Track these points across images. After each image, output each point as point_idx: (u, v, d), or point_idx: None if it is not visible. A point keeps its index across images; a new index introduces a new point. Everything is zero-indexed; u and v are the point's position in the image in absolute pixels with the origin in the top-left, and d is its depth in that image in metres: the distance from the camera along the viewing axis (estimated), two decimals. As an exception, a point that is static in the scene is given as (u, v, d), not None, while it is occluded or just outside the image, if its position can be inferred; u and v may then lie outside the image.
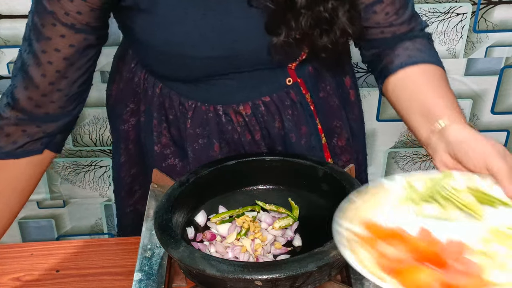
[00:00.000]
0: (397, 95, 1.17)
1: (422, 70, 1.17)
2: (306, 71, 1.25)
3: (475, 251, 0.87)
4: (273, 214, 1.15)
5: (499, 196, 0.93)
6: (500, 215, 0.92)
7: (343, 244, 0.85)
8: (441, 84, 1.15)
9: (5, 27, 1.90)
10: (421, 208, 0.94)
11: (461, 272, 0.83)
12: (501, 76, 2.11)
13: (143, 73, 1.26)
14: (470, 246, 0.87)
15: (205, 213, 1.14)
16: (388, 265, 0.83)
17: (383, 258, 0.84)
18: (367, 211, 0.93)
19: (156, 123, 1.28)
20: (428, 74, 1.16)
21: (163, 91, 1.24)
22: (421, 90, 1.14)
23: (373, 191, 0.96)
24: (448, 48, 2.03)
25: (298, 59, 1.21)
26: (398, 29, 1.20)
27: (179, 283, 1.06)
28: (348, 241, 0.86)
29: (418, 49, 1.19)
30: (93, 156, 2.16)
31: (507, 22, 2.02)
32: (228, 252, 1.07)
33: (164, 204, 1.07)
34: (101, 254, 1.31)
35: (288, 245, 1.10)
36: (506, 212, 0.92)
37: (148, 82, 1.26)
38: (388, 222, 0.91)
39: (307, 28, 1.11)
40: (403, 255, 0.85)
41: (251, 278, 0.90)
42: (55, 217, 2.28)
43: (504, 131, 2.23)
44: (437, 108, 1.08)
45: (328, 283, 1.00)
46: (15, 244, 1.38)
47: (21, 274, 1.26)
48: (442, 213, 0.93)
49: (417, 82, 1.16)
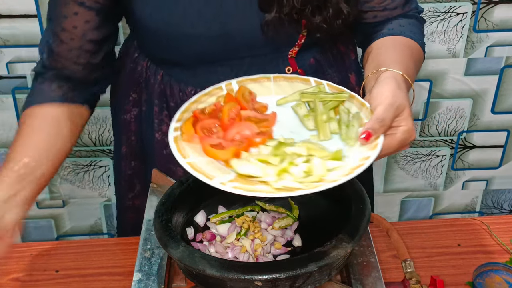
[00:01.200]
0: (366, 60, 1.19)
1: (393, 39, 1.20)
2: (307, 62, 1.25)
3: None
4: (273, 214, 1.15)
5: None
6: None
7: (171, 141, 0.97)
8: (404, 52, 1.16)
9: (4, 27, 1.90)
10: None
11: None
12: (501, 76, 2.11)
13: (145, 61, 1.28)
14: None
15: (205, 213, 1.14)
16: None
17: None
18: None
19: (157, 110, 1.29)
20: (395, 42, 1.19)
21: (164, 79, 1.26)
22: (382, 52, 1.16)
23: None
24: (448, 48, 2.03)
25: (297, 43, 1.21)
26: (391, 13, 1.22)
27: (179, 283, 1.06)
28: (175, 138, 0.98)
29: (399, 25, 1.22)
30: (92, 156, 2.16)
31: (507, 21, 2.02)
32: (227, 252, 1.07)
33: (164, 204, 1.06)
34: (101, 254, 1.31)
35: (288, 245, 1.10)
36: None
37: (150, 70, 1.28)
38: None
39: (298, 4, 1.11)
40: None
41: (251, 278, 0.90)
42: (54, 217, 2.28)
43: (504, 130, 2.23)
44: (385, 64, 1.09)
45: (328, 283, 1.00)
46: (14, 244, 1.37)
47: (21, 275, 1.26)
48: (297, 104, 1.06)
49: (383, 47, 1.18)
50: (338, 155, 0.93)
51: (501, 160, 2.31)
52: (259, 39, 1.16)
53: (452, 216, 2.40)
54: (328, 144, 0.98)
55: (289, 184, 0.90)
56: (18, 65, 1.97)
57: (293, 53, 1.23)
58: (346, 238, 0.95)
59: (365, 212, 1.00)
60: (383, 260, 1.26)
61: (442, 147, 2.26)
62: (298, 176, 0.91)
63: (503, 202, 2.41)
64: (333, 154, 0.94)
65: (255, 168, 0.93)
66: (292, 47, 1.22)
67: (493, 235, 1.34)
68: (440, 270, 1.26)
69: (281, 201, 1.16)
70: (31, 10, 1.88)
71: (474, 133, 2.23)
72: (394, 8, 1.23)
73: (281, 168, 0.92)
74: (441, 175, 2.32)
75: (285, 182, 0.90)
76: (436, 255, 1.30)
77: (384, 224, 1.11)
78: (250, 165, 0.93)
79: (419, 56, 1.21)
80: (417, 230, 1.36)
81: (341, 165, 0.92)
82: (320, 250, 0.93)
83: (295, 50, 1.22)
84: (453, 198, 2.38)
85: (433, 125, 2.20)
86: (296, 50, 1.22)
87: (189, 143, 0.98)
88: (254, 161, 0.94)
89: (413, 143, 2.23)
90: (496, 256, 1.29)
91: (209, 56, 1.20)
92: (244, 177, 0.92)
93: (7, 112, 2.05)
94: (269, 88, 1.10)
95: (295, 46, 1.22)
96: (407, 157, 2.26)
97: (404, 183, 2.33)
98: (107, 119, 2.08)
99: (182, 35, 1.15)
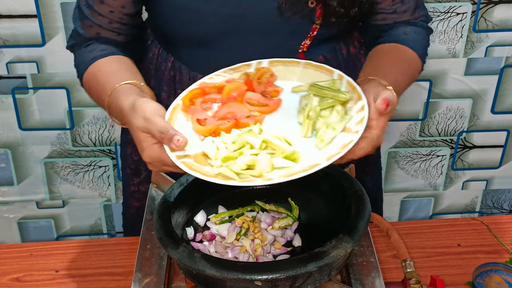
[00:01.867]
0: (365, 64, 1.21)
1: (395, 48, 1.21)
2: (316, 59, 1.25)
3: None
4: (272, 214, 1.15)
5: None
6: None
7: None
8: (399, 66, 1.18)
9: (4, 27, 1.90)
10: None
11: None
12: (501, 76, 2.11)
13: (157, 48, 1.30)
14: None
15: (205, 213, 1.14)
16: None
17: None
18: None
19: (165, 96, 1.31)
20: (394, 53, 1.20)
21: (175, 65, 1.28)
22: (378, 61, 1.18)
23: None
24: (448, 48, 2.03)
25: (309, 34, 1.21)
26: (400, 17, 1.23)
27: (179, 283, 1.06)
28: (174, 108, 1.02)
29: (404, 33, 1.23)
30: (92, 156, 2.16)
31: (507, 21, 2.01)
32: (227, 252, 1.06)
33: (164, 204, 1.06)
34: (101, 254, 1.31)
35: (288, 245, 1.10)
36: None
37: (162, 56, 1.29)
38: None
39: None
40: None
41: (250, 278, 0.90)
42: (54, 217, 2.28)
43: (504, 130, 2.23)
44: (377, 74, 1.10)
45: (328, 283, 1.00)
46: (14, 245, 1.38)
47: (21, 275, 1.26)
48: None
49: (381, 55, 1.20)
50: (293, 156, 0.92)
51: (501, 160, 2.30)
52: (272, 22, 1.17)
53: (452, 216, 2.40)
54: (303, 142, 0.96)
55: (225, 172, 0.90)
56: (18, 65, 1.97)
57: (305, 46, 1.23)
58: (346, 238, 0.95)
59: (365, 212, 1.00)
60: (383, 260, 1.26)
61: (442, 147, 2.26)
62: (239, 166, 0.91)
63: (503, 202, 2.41)
64: (289, 154, 0.93)
65: (211, 149, 0.94)
66: (304, 40, 1.22)
67: (493, 235, 1.35)
68: (440, 270, 1.26)
69: (280, 201, 1.16)
70: (31, 10, 1.88)
71: (474, 133, 2.23)
72: (404, 11, 1.24)
73: (228, 155, 0.92)
74: (441, 175, 2.32)
75: (223, 169, 0.91)
76: (436, 255, 1.30)
77: (384, 224, 1.11)
78: (212, 145, 0.95)
79: (415, 69, 1.22)
80: (417, 230, 1.36)
81: (290, 166, 0.91)
82: (320, 250, 0.93)
83: (307, 43, 1.22)
84: (453, 198, 2.38)
85: (433, 125, 2.20)
86: (308, 44, 1.23)
87: (184, 113, 1.02)
88: (218, 142, 0.95)
89: (413, 143, 2.23)
90: (496, 256, 1.29)
91: (220, 36, 1.19)
92: (202, 156, 0.94)
93: (7, 112, 2.05)
94: (295, 73, 1.09)
95: (307, 39, 1.22)
96: (407, 157, 2.26)
97: (404, 183, 2.32)
98: (107, 119, 2.08)
99: (195, 10, 1.15)
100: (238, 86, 1.06)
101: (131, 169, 1.45)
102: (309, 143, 0.96)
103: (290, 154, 0.92)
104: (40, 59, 1.96)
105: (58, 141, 2.11)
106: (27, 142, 2.10)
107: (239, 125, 0.99)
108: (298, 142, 0.96)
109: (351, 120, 0.95)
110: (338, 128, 0.94)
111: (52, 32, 1.91)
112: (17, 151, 2.12)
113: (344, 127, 0.94)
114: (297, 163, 0.92)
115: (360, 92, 0.98)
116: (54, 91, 2.02)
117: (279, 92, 1.06)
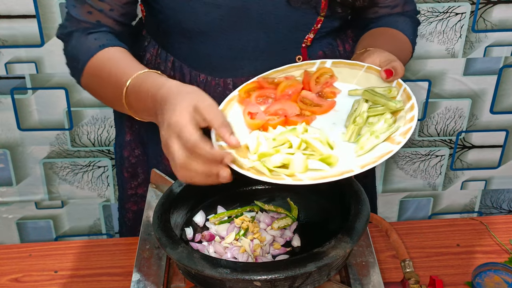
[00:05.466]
0: (356, 46, 1.23)
1: (385, 29, 1.25)
2: (316, 53, 1.26)
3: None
4: (272, 214, 1.15)
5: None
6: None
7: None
8: (393, 42, 1.22)
9: (2, 27, 1.90)
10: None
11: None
12: (500, 76, 2.11)
13: (155, 49, 1.29)
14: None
15: (204, 213, 1.14)
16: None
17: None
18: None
19: None
20: (387, 32, 1.25)
21: (175, 65, 1.27)
22: (371, 39, 1.23)
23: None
24: (447, 48, 2.03)
25: (313, 27, 1.22)
26: (391, 11, 1.28)
27: (178, 283, 1.06)
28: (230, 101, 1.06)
29: (394, 21, 1.28)
30: (91, 157, 2.16)
31: (506, 21, 2.02)
32: (227, 252, 1.06)
33: (163, 205, 1.06)
34: (100, 254, 1.31)
35: (287, 245, 1.09)
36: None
37: (161, 57, 1.29)
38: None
39: None
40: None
41: (250, 279, 0.90)
42: (53, 218, 2.28)
43: (503, 130, 2.23)
44: (374, 47, 1.14)
45: (327, 283, 1.00)
46: (13, 245, 1.38)
47: (20, 275, 1.26)
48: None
49: (373, 34, 1.26)
50: (329, 159, 0.92)
51: (500, 160, 2.31)
52: (278, 15, 1.17)
53: (451, 216, 2.40)
54: (345, 146, 0.96)
55: (259, 167, 0.91)
56: (17, 66, 1.97)
57: (308, 40, 1.23)
58: (345, 238, 0.95)
59: (364, 212, 1.00)
60: (382, 260, 1.26)
61: (441, 147, 2.26)
62: (273, 164, 0.91)
63: (502, 202, 2.41)
64: (325, 157, 0.92)
65: (253, 143, 0.95)
66: (308, 33, 1.22)
67: (492, 235, 1.35)
68: (439, 270, 1.26)
69: (280, 201, 1.16)
70: (30, 10, 1.88)
71: (473, 133, 2.24)
72: (395, 6, 1.28)
73: (265, 151, 0.93)
74: (440, 175, 2.32)
75: (257, 164, 0.92)
76: (435, 255, 1.30)
77: (383, 224, 1.11)
78: (254, 139, 0.96)
79: (407, 50, 1.26)
80: (416, 230, 1.36)
81: (324, 169, 0.91)
82: (319, 250, 0.93)
83: (310, 37, 1.23)
84: (452, 198, 2.38)
85: (432, 125, 2.20)
86: (311, 38, 1.23)
87: (240, 105, 1.06)
88: (261, 137, 0.96)
89: (412, 143, 2.23)
90: (495, 256, 1.29)
91: (223, 30, 1.19)
92: (245, 148, 0.96)
93: (6, 113, 2.05)
94: (355, 76, 1.08)
95: (311, 32, 1.22)
96: (406, 157, 2.26)
97: (403, 183, 2.33)
98: (105, 119, 2.08)
99: (200, 1, 1.15)
100: (294, 83, 1.07)
101: (128, 172, 1.44)
102: (349, 148, 0.96)
103: (326, 157, 0.92)
104: (39, 60, 1.96)
105: (57, 142, 2.11)
106: (26, 142, 2.11)
107: (288, 122, 1.01)
108: (340, 146, 0.96)
109: (398, 130, 0.94)
110: (381, 137, 0.93)
111: (51, 33, 1.91)
112: (16, 152, 2.12)
113: (388, 136, 0.94)
114: (332, 167, 0.91)
115: (415, 103, 0.96)
116: (53, 92, 2.02)
117: (336, 94, 1.07)
